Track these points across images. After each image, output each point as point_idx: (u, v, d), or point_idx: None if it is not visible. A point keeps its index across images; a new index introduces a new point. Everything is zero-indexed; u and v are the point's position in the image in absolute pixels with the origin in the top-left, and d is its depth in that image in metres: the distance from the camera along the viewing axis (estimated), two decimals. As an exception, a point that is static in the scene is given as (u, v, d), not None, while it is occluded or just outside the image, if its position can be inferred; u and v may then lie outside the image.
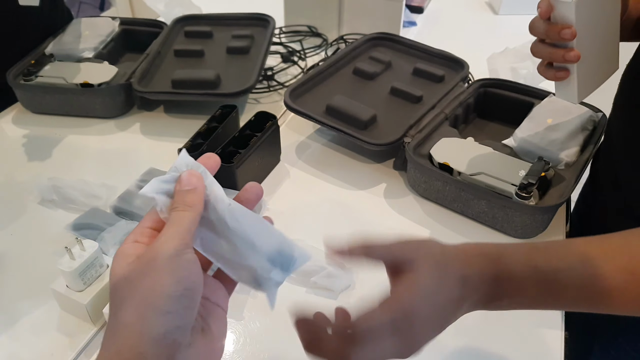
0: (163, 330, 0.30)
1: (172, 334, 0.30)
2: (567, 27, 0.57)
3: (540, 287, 0.41)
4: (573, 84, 0.62)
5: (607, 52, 0.65)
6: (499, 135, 0.86)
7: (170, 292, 0.30)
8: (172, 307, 0.30)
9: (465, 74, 0.98)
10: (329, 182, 0.83)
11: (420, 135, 0.81)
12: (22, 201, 0.77)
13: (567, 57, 0.58)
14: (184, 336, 0.31)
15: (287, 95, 0.88)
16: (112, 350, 0.30)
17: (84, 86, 0.93)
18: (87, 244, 0.59)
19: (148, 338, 0.29)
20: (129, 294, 0.31)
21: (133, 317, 0.30)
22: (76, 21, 1.09)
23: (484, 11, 1.47)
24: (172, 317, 0.30)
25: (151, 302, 0.30)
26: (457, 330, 0.61)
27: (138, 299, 0.30)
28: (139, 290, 0.30)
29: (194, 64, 1.01)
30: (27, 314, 0.61)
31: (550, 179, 0.74)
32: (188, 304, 0.31)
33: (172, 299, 0.30)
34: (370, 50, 1.06)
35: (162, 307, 0.30)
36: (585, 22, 0.57)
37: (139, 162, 0.82)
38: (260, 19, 1.12)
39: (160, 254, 0.31)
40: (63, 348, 0.58)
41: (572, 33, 0.57)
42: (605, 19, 0.62)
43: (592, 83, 0.65)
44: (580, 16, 0.56)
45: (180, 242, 0.32)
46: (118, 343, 0.30)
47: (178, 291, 0.31)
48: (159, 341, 0.30)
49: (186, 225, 0.33)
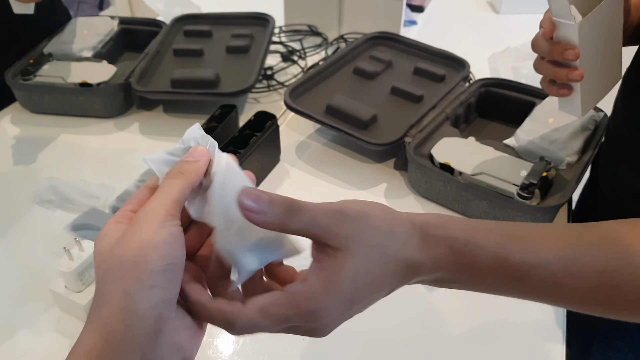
0: (148, 304, 0.30)
1: (158, 307, 0.30)
2: (571, 48, 0.56)
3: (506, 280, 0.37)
4: (576, 100, 0.61)
5: (610, 65, 0.64)
6: (500, 135, 0.86)
7: (154, 267, 0.30)
8: (156, 282, 0.30)
9: (466, 73, 0.97)
10: (329, 182, 0.83)
11: (421, 135, 0.81)
12: (20, 201, 0.77)
13: (570, 77, 0.58)
14: (169, 309, 0.31)
15: (287, 94, 0.88)
16: (99, 321, 0.30)
17: (82, 86, 0.92)
18: (86, 244, 0.58)
19: (134, 312, 0.29)
20: (114, 268, 0.31)
21: (118, 292, 0.30)
22: (75, 20, 1.09)
23: (485, 10, 1.47)
24: (157, 290, 0.30)
25: (135, 277, 0.30)
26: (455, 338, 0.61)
27: (122, 273, 0.30)
28: (123, 264, 0.30)
29: (193, 64, 1.01)
30: (26, 315, 0.61)
31: (552, 179, 0.74)
32: (172, 277, 0.31)
33: (155, 273, 0.30)
34: (371, 49, 1.05)
35: (146, 281, 0.30)
36: (588, 41, 0.56)
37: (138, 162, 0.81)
38: (260, 18, 1.11)
39: (144, 227, 0.31)
40: (62, 349, 0.58)
41: (576, 54, 0.56)
42: (609, 34, 0.61)
43: (595, 96, 0.64)
44: (584, 36, 0.55)
45: (164, 214, 0.32)
46: (104, 315, 0.30)
47: (162, 266, 0.30)
48: (144, 315, 0.30)
49: (174, 194, 0.33)
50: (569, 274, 0.36)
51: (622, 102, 0.68)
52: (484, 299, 0.64)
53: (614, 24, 0.60)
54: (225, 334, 0.59)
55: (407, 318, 0.62)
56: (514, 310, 0.63)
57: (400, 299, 0.65)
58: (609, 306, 0.38)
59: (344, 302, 0.33)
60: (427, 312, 0.63)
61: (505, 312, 0.63)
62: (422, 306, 0.63)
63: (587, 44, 0.56)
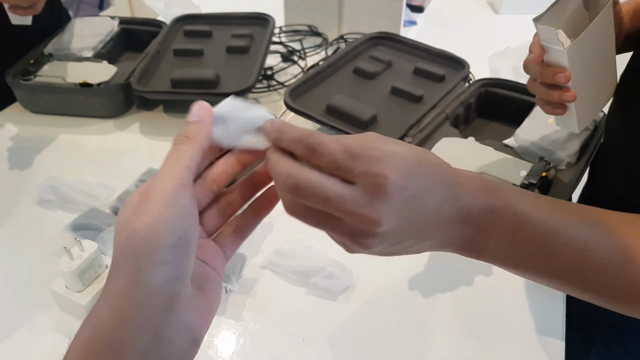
0: (160, 281, 0.29)
1: (169, 283, 0.29)
2: (561, 72, 0.55)
3: (537, 236, 0.37)
4: (572, 117, 0.61)
5: (605, 79, 0.64)
6: (500, 135, 0.86)
7: (164, 242, 0.29)
8: (167, 257, 0.29)
9: (466, 73, 0.97)
10: (329, 182, 0.82)
11: (420, 135, 0.81)
12: (20, 201, 0.77)
13: (564, 98, 0.57)
14: (182, 285, 0.30)
15: (287, 94, 0.88)
16: (111, 295, 0.29)
17: (82, 86, 0.92)
18: (86, 244, 0.58)
19: (145, 288, 0.29)
20: (127, 242, 0.30)
21: (129, 268, 0.29)
22: (75, 20, 1.09)
23: (485, 10, 1.47)
24: (168, 266, 0.29)
25: (146, 252, 0.29)
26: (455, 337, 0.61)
27: (134, 248, 0.29)
28: (135, 238, 0.29)
29: (194, 64, 1.01)
30: (26, 315, 0.61)
31: (552, 179, 0.74)
32: (183, 252, 0.30)
33: (166, 248, 0.29)
34: (371, 49, 1.05)
35: (157, 257, 0.29)
36: (579, 62, 0.56)
37: (138, 161, 0.82)
38: (260, 18, 1.12)
39: (154, 200, 0.30)
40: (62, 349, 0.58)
41: (567, 77, 0.55)
42: (600, 51, 0.60)
43: (591, 111, 0.64)
44: (574, 59, 0.55)
45: (175, 184, 0.31)
46: (116, 289, 0.29)
47: (172, 240, 0.29)
48: (156, 291, 0.29)
49: (184, 161, 0.32)
50: (597, 241, 0.37)
51: (616, 109, 0.68)
52: (484, 299, 0.64)
53: (606, 40, 0.60)
54: (224, 333, 0.59)
55: (407, 317, 0.62)
56: (514, 310, 0.63)
57: (401, 297, 0.65)
58: None
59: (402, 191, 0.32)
60: (427, 312, 0.63)
61: (505, 313, 0.63)
62: (422, 305, 0.63)
63: (578, 64, 0.56)
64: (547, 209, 0.38)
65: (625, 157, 0.65)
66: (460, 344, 0.60)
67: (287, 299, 0.64)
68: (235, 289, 0.63)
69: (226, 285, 0.62)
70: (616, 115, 0.68)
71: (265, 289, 0.65)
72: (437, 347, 0.60)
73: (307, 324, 0.61)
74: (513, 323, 0.62)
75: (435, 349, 0.59)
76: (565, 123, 0.63)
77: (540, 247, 0.37)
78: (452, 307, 0.63)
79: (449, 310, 0.63)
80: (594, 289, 0.40)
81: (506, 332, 0.61)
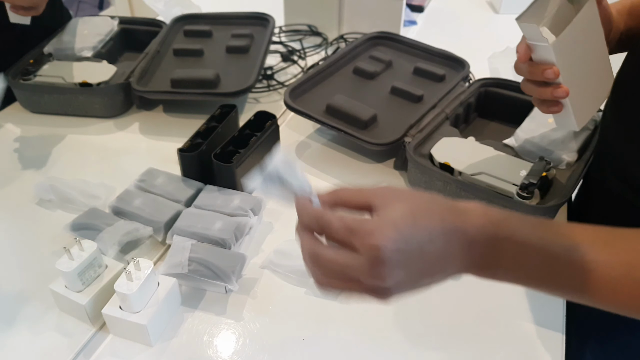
0: None
1: None
2: (549, 68, 0.55)
3: (542, 258, 0.40)
4: (569, 115, 0.61)
5: (600, 75, 0.64)
6: (499, 134, 0.86)
7: None
8: None
9: (466, 73, 0.97)
10: (329, 182, 0.83)
11: (420, 134, 0.81)
12: (20, 201, 0.77)
13: (555, 94, 0.58)
14: None
15: (287, 94, 0.88)
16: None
17: (82, 85, 0.92)
18: (86, 244, 0.58)
19: None
20: None
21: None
22: (75, 20, 1.09)
23: (485, 10, 1.47)
24: None
25: None
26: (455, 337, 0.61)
27: None
28: None
29: (193, 64, 1.01)
30: (26, 315, 0.61)
31: (552, 179, 0.74)
32: None
33: None
34: (371, 49, 1.05)
35: None
36: (567, 57, 0.56)
37: (138, 161, 0.82)
38: (260, 18, 1.12)
39: None
40: (61, 349, 0.58)
41: (555, 72, 0.55)
42: (590, 46, 0.60)
43: (590, 107, 0.64)
44: (561, 53, 0.55)
45: None
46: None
47: None
48: None
49: None
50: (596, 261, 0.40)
51: (612, 111, 0.68)
52: (483, 299, 0.64)
53: (593, 35, 0.60)
54: (224, 333, 0.59)
55: (406, 317, 0.62)
56: (514, 310, 0.63)
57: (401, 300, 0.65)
58: None
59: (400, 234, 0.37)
60: (427, 311, 0.63)
61: (505, 312, 0.63)
62: (422, 305, 0.63)
63: (567, 60, 0.56)
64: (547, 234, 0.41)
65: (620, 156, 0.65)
66: (460, 343, 0.60)
67: (287, 299, 0.64)
68: (235, 289, 0.63)
69: (226, 285, 0.62)
70: (611, 114, 0.68)
71: (265, 289, 0.65)
72: (437, 346, 0.60)
73: (307, 324, 0.61)
74: (513, 323, 0.62)
75: (435, 349, 0.59)
76: (564, 122, 0.63)
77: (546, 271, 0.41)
78: (452, 307, 0.63)
79: (449, 310, 0.63)
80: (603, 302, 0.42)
81: (506, 332, 0.61)
